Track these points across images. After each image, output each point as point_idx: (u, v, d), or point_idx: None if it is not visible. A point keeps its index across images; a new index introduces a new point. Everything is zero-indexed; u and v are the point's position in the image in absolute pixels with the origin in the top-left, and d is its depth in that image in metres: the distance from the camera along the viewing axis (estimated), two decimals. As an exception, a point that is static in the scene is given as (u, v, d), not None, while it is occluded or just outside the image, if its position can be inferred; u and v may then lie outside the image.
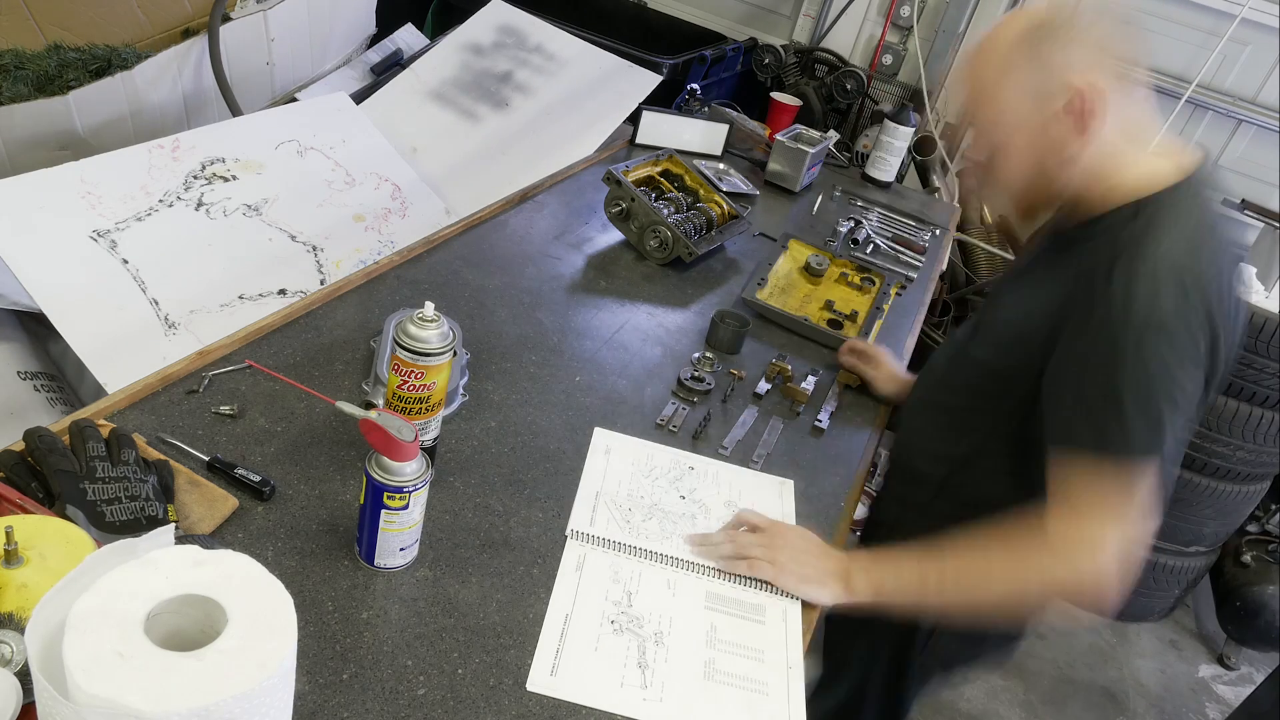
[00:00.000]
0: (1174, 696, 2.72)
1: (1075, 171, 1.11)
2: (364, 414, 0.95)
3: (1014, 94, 1.09)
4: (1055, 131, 1.08)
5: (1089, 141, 1.08)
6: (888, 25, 3.30)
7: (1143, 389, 1.01)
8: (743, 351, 1.65)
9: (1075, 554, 1.04)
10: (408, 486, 0.97)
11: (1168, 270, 1.01)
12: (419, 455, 0.97)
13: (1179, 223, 1.05)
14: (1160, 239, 1.03)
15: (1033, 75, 1.07)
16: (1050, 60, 1.06)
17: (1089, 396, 1.04)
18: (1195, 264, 1.02)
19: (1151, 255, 1.02)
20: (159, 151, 1.90)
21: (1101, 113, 1.05)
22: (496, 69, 2.60)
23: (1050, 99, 1.07)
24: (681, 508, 1.25)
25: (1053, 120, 1.08)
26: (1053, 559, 1.05)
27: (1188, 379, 1.01)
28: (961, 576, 1.11)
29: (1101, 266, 1.05)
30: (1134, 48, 1.07)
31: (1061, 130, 1.08)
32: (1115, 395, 1.01)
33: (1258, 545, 2.92)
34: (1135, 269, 1.02)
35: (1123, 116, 1.07)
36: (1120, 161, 1.10)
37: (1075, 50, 1.06)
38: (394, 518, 0.98)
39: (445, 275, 1.64)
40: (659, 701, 0.98)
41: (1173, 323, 1.00)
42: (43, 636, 0.58)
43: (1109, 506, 1.03)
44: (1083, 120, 1.06)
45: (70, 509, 0.92)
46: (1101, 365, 1.03)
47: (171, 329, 1.66)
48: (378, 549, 1.01)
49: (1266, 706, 2.20)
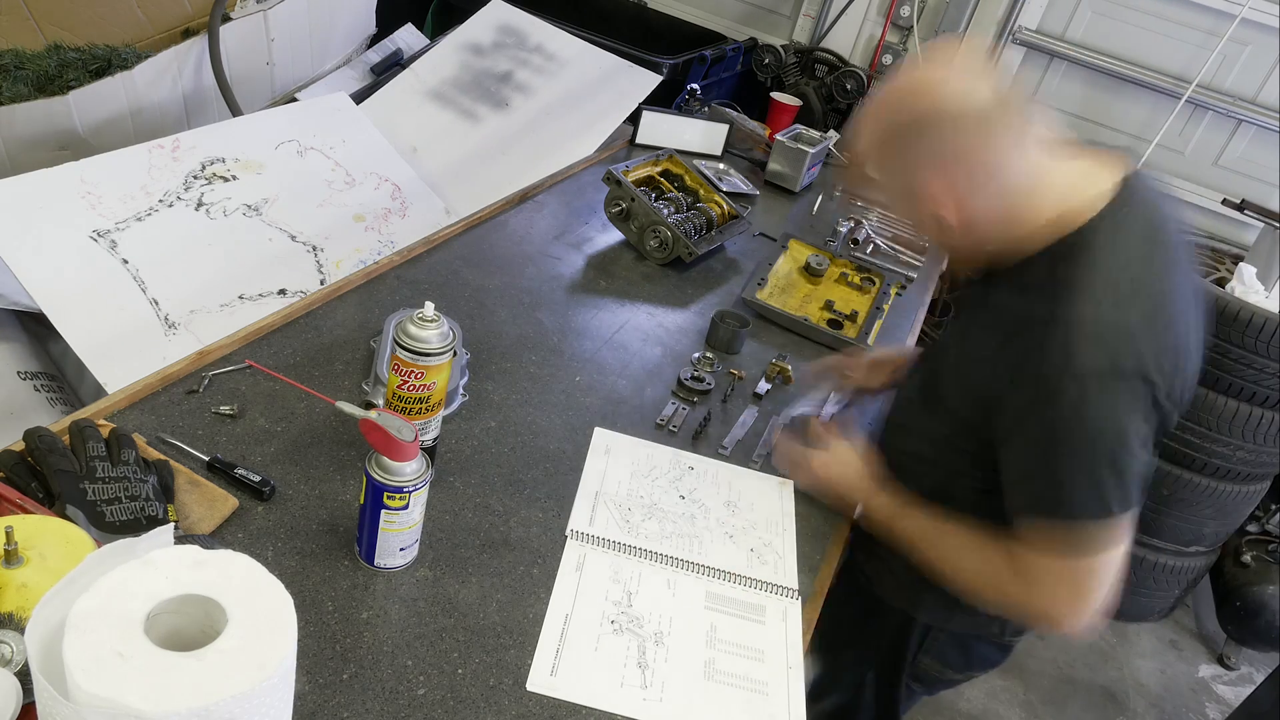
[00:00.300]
0: (1174, 696, 2.72)
1: (964, 249, 1.13)
2: (364, 414, 0.95)
3: (883, 187, 1.13)
4: (928, 227, 1.11)
5: (957, 237, 1.09)
6: (888, 25, 3.30)
7: (1081, 457, 1.01)
8: (743, 351, 1.65)
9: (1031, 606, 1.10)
10: (408, 486, 0.97)
11: (1092, 335, 0.99)
12: (419, 455, 0.97)
13: (1101, 266, 1.02)
14: (1084, 289, 1.01)
15: (894, 179, 1.10)
16: (903, 175, 1.08)
17: (1032, 468, 1.06)
18: (1122, 315, 1.00)
19: (1077, 315, 1.00)
20: (159, 151, 1.90)
21: (959, 223, 1.05)
22: (496, 69, 2.60)
23: (912, 204, 1.10)
24: (681, 508, 1.25)
25: (922, 219, 1.11)
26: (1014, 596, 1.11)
27: (1131, 434, 1.00)
28: (945, 558, 1.17)
29: (1028, 332, 1.04)
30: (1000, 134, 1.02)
31: (932, 228, 1.10)
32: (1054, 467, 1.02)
33: (1258, 545, 2.92)
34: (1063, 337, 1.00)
35: (1001, 193, 1.05)
36: (1019, 223, 1.07)
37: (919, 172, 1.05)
38: (394, 518, 0.98)
39: (445, 275, 1.64)
40: (659, 701, 0.98)
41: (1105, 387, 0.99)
42: (43, 636, 0.58)
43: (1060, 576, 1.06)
44: (944, 226, 1.07)
45: (70, 509, 0.92)
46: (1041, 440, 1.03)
47: (171, 329, 1.66)
48: (378, 549, 1.01)
49: (1266, 706, 2.20)
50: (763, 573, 1.18)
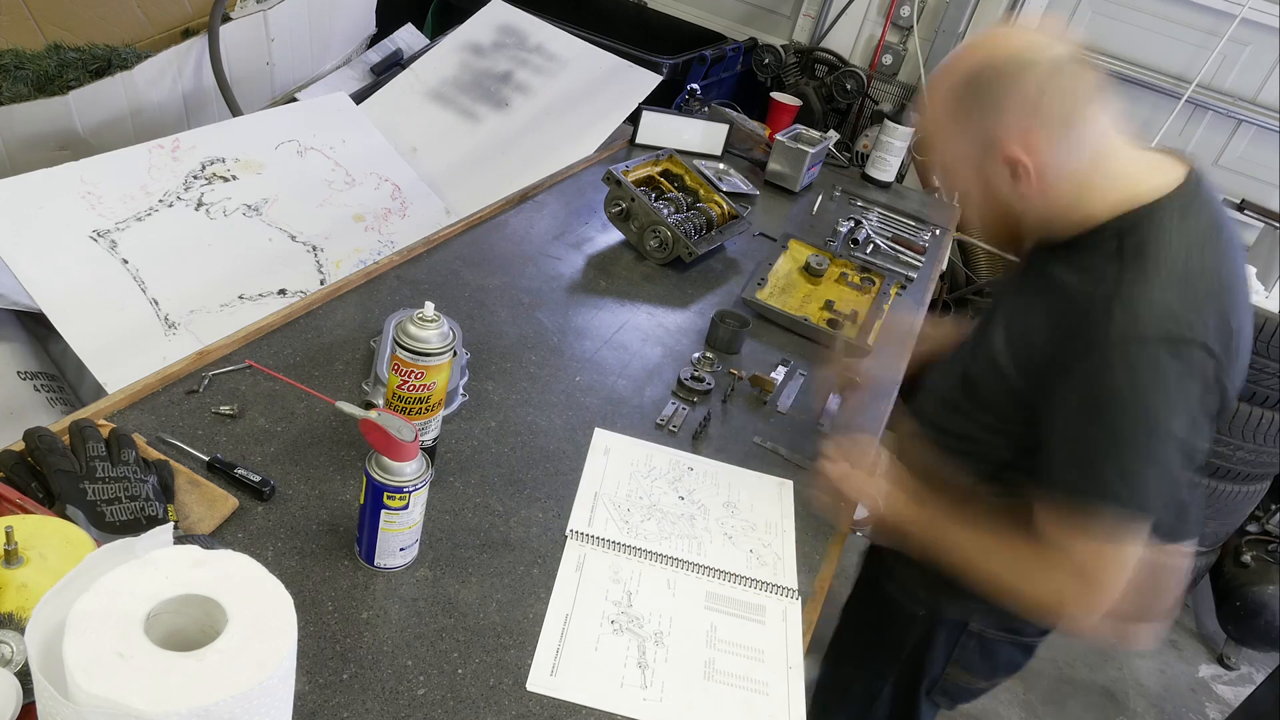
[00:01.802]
0: (1174, 696, 2.72)
1: (1034, 211, 1.11)
2: (364, 414, 0.95)
3: (955, 145, 1.10)
4: (998, 183, 1.09)
5: (1031, 193, 1.08)
6: (888, 25, 3.30)
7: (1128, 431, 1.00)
8: (743, 351, 1.65)
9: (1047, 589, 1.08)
10: (408, 486, 0.97)
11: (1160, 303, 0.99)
12: (419, 455, 0.97)
13: (1170, 244, 1.02)
14: (1153, 262, 1.02)
15: (968, 132, 1.08)
16: (981, 123, 1.06)
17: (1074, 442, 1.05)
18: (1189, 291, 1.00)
19: (1144, 285, 1.00)
20: (159, 151, 1.90)
21: (1035, 172, 1.05)
22: (496, 69, 2.60)
23: (986, 157, 1.07)
24: (680, 508, 1.25)
25: (990, 177, 1.08)
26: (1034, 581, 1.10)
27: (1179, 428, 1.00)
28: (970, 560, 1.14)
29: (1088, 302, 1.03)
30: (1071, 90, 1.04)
31: (1004, 182, 1.08)
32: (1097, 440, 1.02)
33: (1258, 545, 2.92)
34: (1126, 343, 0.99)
35: (1073, 157, 1.06)
36: (1086, 198, 1.08)
37: (996, 116, 1.04)
38: (394, 518, 0.98)
39: (445, 275, 1.64)
40: (659, 701, 0.98)
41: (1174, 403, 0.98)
42: (43, 636, 0.58)
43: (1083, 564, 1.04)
44: (1017, 181, 1.07)
45: (70, 509, 0.92)
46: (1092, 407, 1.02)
47: (171, 329, 1.66)
48: (378, 549, 1.01)
49: (1266, 706, 2.20)
50: (762, 573, 1.18)
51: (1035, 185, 1.06)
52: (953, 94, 1.07)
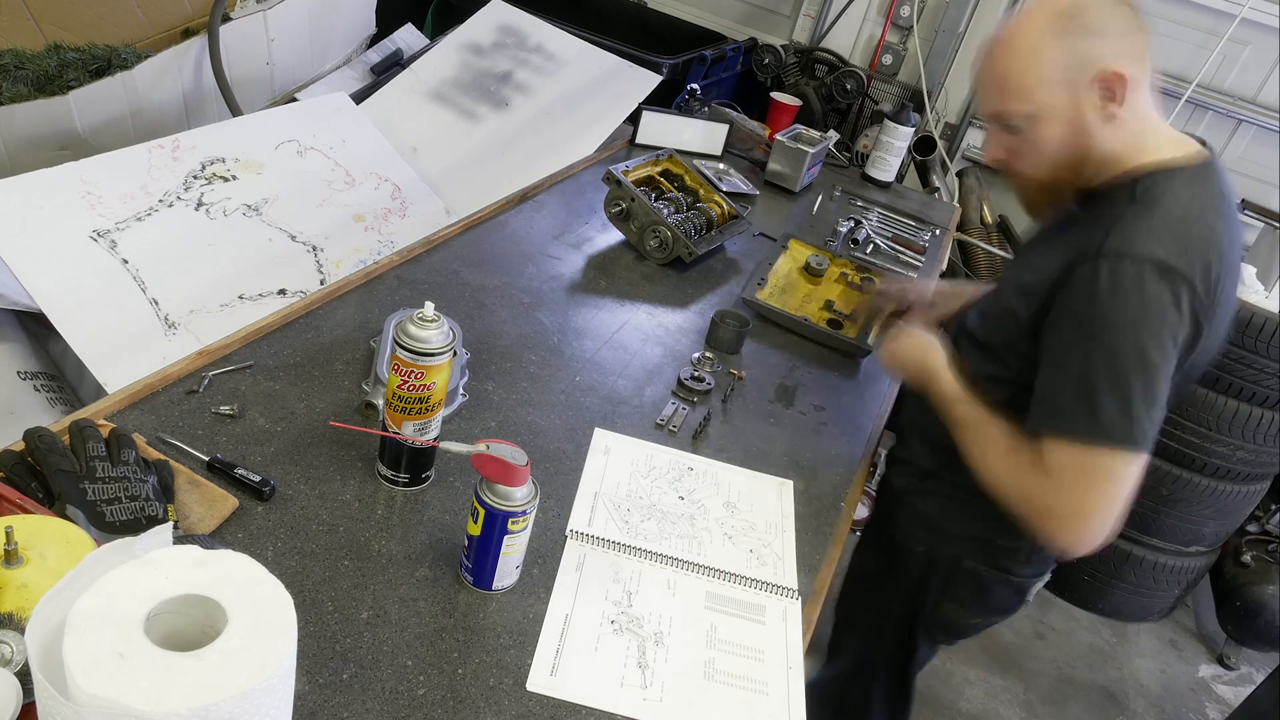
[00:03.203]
0: (1174, 696, 2.72)
1: (1099, 151, 1.17)
2: (473, 450, 0.97)
3: (1044, 80, 1.14)
4: (1083, 113, 1.15)
5: (1112, 121, 1.14)
6: (888, 25, 3.30)
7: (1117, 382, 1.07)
8: (743, 351, 1.65)
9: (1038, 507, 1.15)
10: (528, 508, 0.99)
11: (1158, 232, 1.08)
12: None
13: (1180, 195, 1.11)
14: (1161, 205, 1.10)
15: (1062, 62, 1.13)
16: (1077, 47, 1.12)
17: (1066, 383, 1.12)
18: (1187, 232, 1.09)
19: (1146, 218, 1.10)
20: (159, 151, 1.90)
21: (1126, 94, 1.12)
22: (496, 69, 2.60)
23: (1079, 83, 1.13)
24: (680, 508, 1.25)
25: (1081, 103, 1.14)
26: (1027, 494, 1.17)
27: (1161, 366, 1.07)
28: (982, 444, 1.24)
29: (1093, 244, 1.11)
30: (1146, 40, 1.14)
31: (1089, 112, 1.14)
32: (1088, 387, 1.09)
33: (1258, 545, 2.92)
34: (1118, 257, 1.08)
35: (1140, 101, 1.15)
36: (1137, 145, 1.17)
37: (1100, 39, 1.12)
38: (515, 540, 1.00)
39: (445, 275, 1.64)
40: (659, 701, 0.98)
41: (1149, 318, 1.06)
42: (43, 636, 0.58)
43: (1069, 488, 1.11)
44: (1109, 102, 1.13)
45: (70, 509, 0.92)
46: (1077, 355, 1.10)
47: (171, 329, 1.66)
48: (497, 573, 1.02)
49: (1266, 706, 2.20)
50: (762, 573, 1.18)
51: (1123, 108, 1.13)
52: (1047, 28, 1.13)
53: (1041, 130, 1.17)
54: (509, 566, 1.03)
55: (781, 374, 1.63)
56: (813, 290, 1.93)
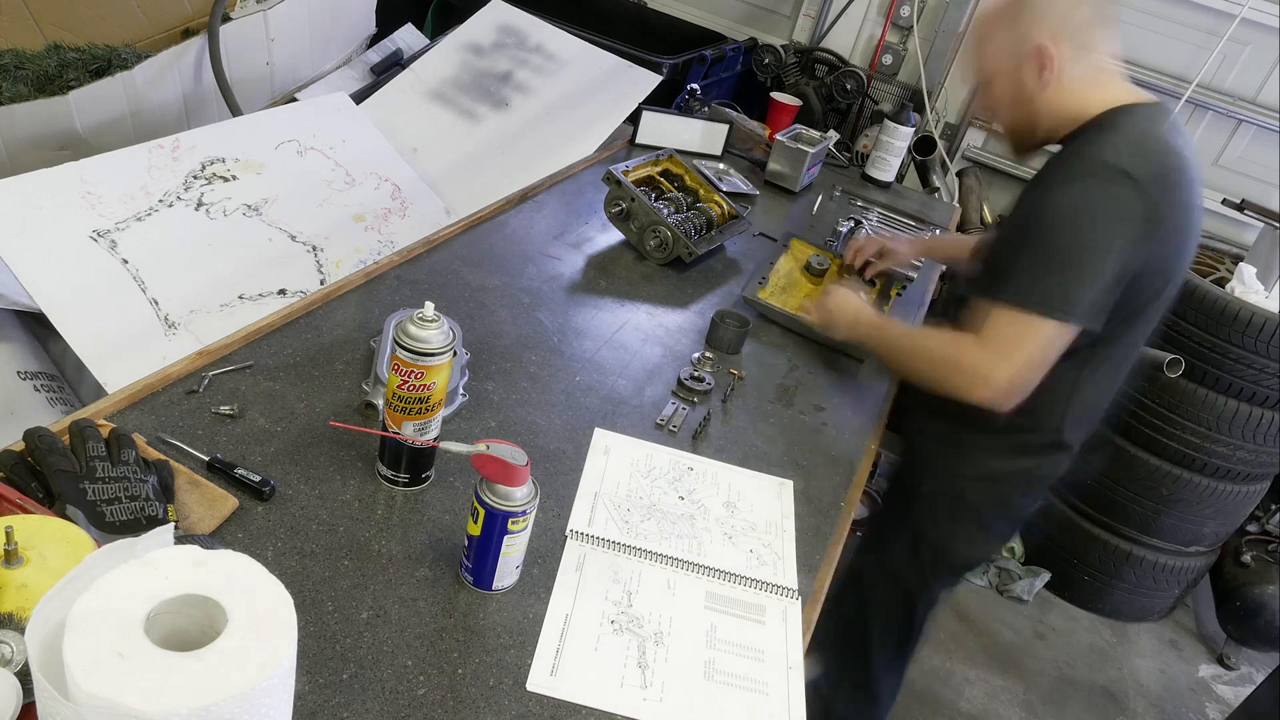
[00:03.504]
0: (1174, 696, 2.72)
1: (1044, 107, 1.38)
2: (474, 449, 0.97)
3: (996, 51, 1.40)
4: (1023, 80, 1.37)
5: (1047, 85, 1.35)
6: (888, 25, 3.30)
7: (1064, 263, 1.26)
8: (743, 351, 1.65)
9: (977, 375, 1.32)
10: (528, 507, 0.98)
11: (1118, 148, 1.26)
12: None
13: (1139, 128, 1.30)
14: (1122, 134, 1.29)
15: (1009, 37, 1.37)
16: (1017, 27, 1.36)
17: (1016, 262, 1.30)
18: (1145, 156, 1.26)
19: (1109, 140, 1.28)
20: (159, 151, 1.90)
21: (1055, 64, 1.33)
22: (496, 69, 2.60)
23: (1019, 55, 1.36)
24: (680, 508, 1.25)
25: (1021, 71, 1.36)
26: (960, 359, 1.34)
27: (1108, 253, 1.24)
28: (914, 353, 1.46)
29: (1067, 153, 1.34)
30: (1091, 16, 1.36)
31: (1029, 79, 1.36)
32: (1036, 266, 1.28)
33: (1258, 545, 2.92)
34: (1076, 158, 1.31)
35: (1081, 66, 1.34)
36: (1091, 98, 1.35)
37: (1039, 21, 1.34)
38: (515, 540, 1.00)
39: (445, 275, 1.64)
40: (659, 701, 0.98)
41: (1099, 208, 1.24)
42: (43, 636, 0.58)
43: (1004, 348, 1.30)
44: (1043, 70, 1.34)
45: (70, 509, 0.92)
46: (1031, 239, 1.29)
47: (171, 329, 1.66)
48: (498, 573, 1.02)
49: (1266, 706, 2.20)
50: (762, 573, 1.18)
51: (1054, 78, 1.34)
52: (1001, 11, 1.38)
53: (996, 91, 1.42)
54: (509, 566, 1.03)
55: (781, 374, 1.63)
56: (814, 290, 1.93)
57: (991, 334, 1.30)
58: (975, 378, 1.31)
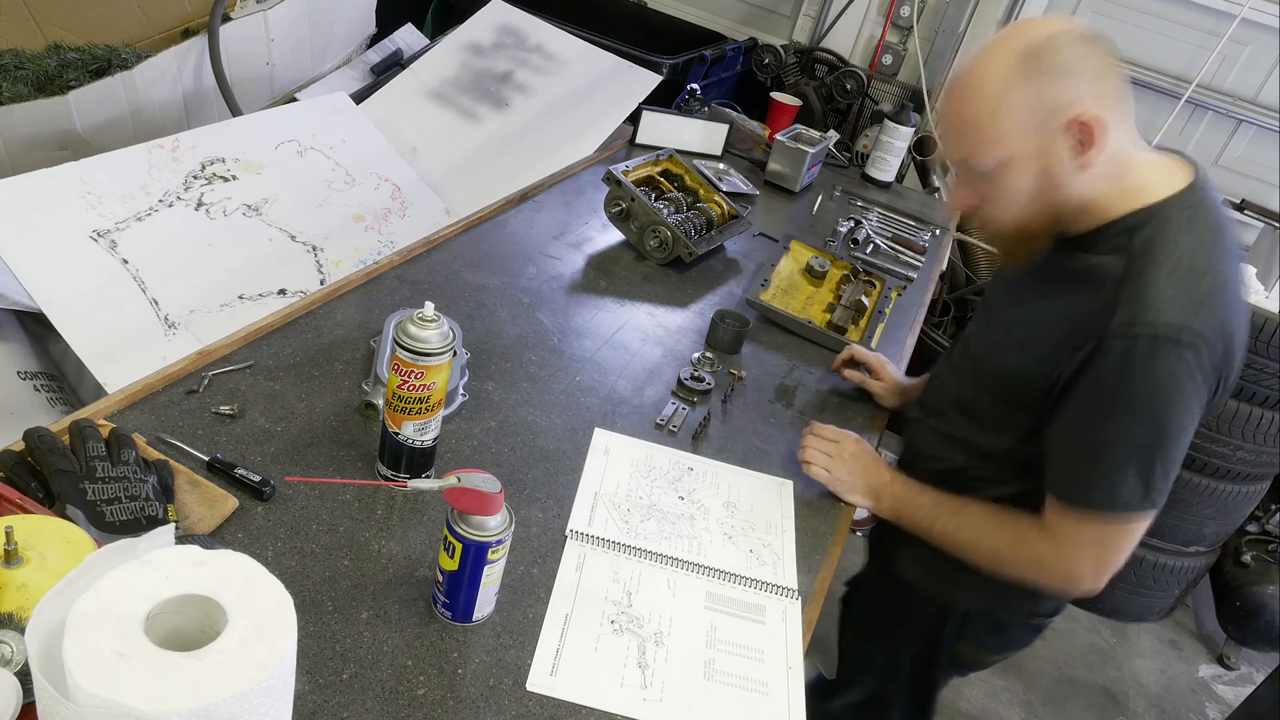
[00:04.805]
0: (1174, 696, 2.72)
1: (1074, 195, 1.11)
2: (445, 484, 0.92)
3: (1013, 126, 1.07)
4: (1055, 161, 1.08)
5: (1087, 166, 1.07)
6: (888, 25, 3.30)
7: (1133, 429, 1.06)
8: (743, 351, 1.65)
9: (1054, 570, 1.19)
10: (505, 536, 0.95)
11: (1168, 297, 1.03)
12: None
13: (1178, 240, 1.06)
14: (1162, 255, 1.05)
15: (1031, 106, 1.05)
16: (1047, 90, 1.04)
17: (1085, 451, 1.11)
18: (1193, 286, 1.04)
19: (1153, 277, 1.04)
20: (159, 151, 1.90)
21: (1101, 140, 1.05)
22: (496, 69, 2.60)
23: (1050, 129, 1.06)
24: (680, 508, 1.25)
25: (1052, 150, 1.07)
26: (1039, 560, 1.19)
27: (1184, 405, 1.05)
28: (966, 526, 1.25)
29: (1100, 311, 1.07)
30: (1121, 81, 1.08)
31: (1062, 159, 1.07)
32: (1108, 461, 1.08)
33: (1258, 545, 2.92)
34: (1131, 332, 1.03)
35: (1117, 142, 1.07)
36: (1120, 189, 1.10)
37: (1072, 82, 1.04)
38: (494, 569, 0.97)
39: (445, 275, 1.64)
40: (659, 701, 0.98)
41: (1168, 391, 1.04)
42: (43, 636, 0.58)
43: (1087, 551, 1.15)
44: (1084, 149, 1.06)
45: (70, 509, 0.92)
46: (1095, 429, 1.08)
47: (171, 329, 1.66)
48: (478, 603, 0.99)
49: (1266, 706, 2.20)
50: (762, 573, 1.18)
51: (1096, 153, 1.05)
52: (1015, 64, 1.05)
53: (1011, 178, 1.09)
54: (488, 596, 1.00)
55: (781, 374, 1.63)
56: (815, 292, 1.93)
57: (1077, 536, 1.13)
58: (1068, 579, 1.17)
